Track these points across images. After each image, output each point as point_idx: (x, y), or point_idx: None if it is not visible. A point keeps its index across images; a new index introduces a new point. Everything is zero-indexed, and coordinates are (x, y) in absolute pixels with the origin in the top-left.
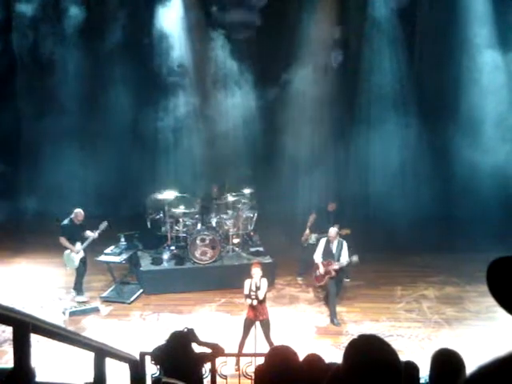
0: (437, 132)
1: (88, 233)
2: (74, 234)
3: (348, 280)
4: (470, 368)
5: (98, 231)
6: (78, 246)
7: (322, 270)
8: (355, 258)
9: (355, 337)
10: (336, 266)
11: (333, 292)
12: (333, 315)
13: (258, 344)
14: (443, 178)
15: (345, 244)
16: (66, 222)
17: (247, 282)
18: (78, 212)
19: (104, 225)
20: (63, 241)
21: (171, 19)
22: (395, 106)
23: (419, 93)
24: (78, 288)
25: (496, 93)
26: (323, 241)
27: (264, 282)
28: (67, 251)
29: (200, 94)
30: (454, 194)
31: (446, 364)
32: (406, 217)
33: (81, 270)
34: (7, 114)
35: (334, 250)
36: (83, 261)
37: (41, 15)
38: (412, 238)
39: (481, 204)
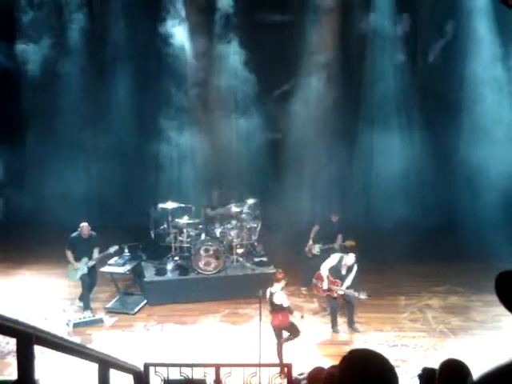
0: (441, 138)
1: (95, 254)
2: (80, 247)
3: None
4: (476, 376)
5: (106, 253)
6: (83, 261)
7: (325, 285)
8: (363, 296)
9: (347, 352)
10: (341, 292)
11: (334, 306)
12: (334, 325)
13: (262, 354)
14: (448, 185)
15: (355, 269)
16: (73, 234)
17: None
18: (83, 226)
19: (114, 248)
20: (67, 253)
21: (175, 32)
22: (399, 113)
23: (422, 99)
24: (84, 303)
25: (500, 96)
26: (336, 257)
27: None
28: (69, 265)
29: (204, 105)
30: (459, 202)
31: (453, 375)
32: (410, 225)
33: (84, 284)
34: (11, 125)
35: (343, 272)
36: (90, 275)
37: (44, 26)
38: (416, 246)
39: (486, 211)
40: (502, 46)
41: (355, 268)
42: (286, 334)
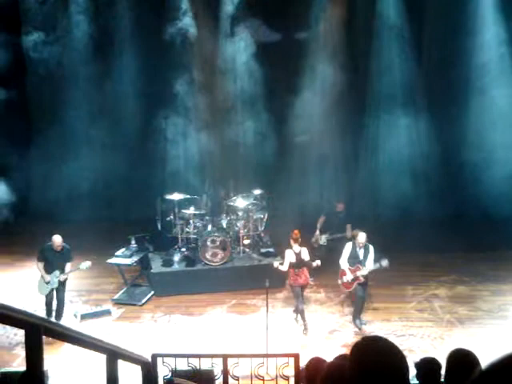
0: (448, 128)
1: (67, 268)
2: (51, 260)
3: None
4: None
5: (76, 268)
6: (54, 274)
7: (349, 276)
8: (385, 263)
9: (359, 339)
10: (365, 272)
11: (360, 295)
12: (356, 317)
13: (269, 345)
14: (455, 174)
15: (371, 248)
16: (45, 245)
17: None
18: (55, 239)
19: (86, 264)
20: (38, 265)
21: (183, 30)
22: (405, 103)
23: (429, 90)
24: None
25: (508, 82)
26: (349, 245)
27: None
28: (40, 278)
29: (209, 96)
30: (466, 192)
31: (462, 364)
32: (417, 215)
33: (57, 298)
34: (18, 119)
35: (361, 256)
36: (58, 290)
37: (50, 17)
38: (422, 236)
39: (494, 201)
40: (509, 32)
41: (371, 249)
42: None
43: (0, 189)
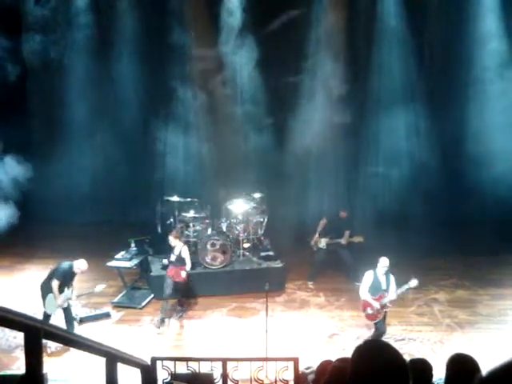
0: (449, 130)
1: (73, 290)
2: (67, 281)
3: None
4: (485, 371)
5: (91, 292)
6: (66, 295)
7: (377, 305)
8: (415, 282)
9: (361, 343)
10: (393, 296)
11: (381, 331)
12: None
13: (269, 348)
14: (456, 178)
15: (392, 278)
16: (65, 265)
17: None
18: (82, 263)
19: (100, 287)
20: (55, 285)
21: (183, 29)
22: (406, 105)
23: (430, 90)
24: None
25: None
26: (370, 274)
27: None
28: (51, 295)
29: (208, 99)
30: (467, 195)
31: (462, 369)
32: (417, 218)
33: (66, 317)
34: (18, 119)
35: (384, 285)
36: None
37: (51, 19)
38: (422, 240)
39: (493, 205)
40: (509, 29)
41: (392, 278)
42: None
43: (12, 164)
